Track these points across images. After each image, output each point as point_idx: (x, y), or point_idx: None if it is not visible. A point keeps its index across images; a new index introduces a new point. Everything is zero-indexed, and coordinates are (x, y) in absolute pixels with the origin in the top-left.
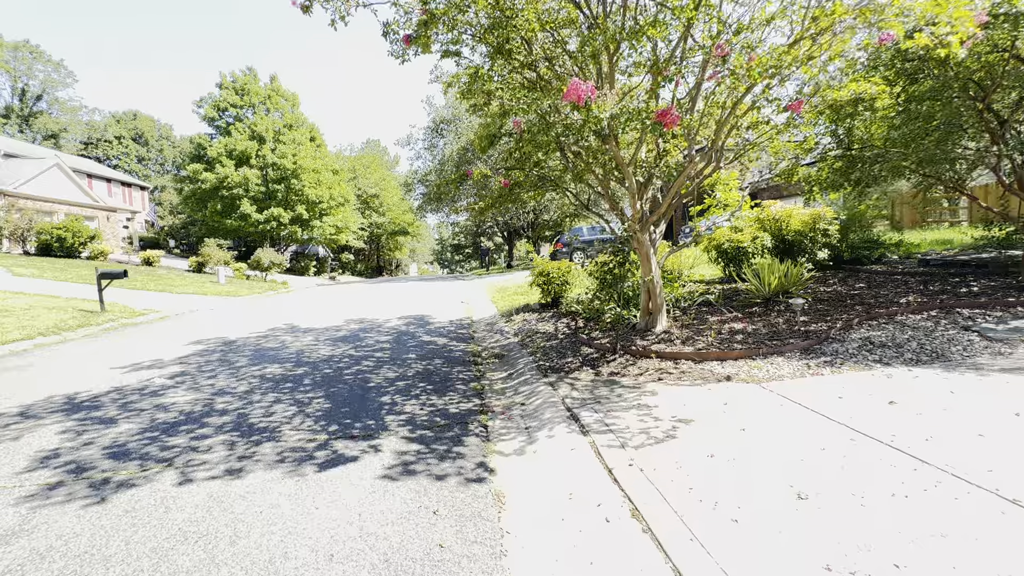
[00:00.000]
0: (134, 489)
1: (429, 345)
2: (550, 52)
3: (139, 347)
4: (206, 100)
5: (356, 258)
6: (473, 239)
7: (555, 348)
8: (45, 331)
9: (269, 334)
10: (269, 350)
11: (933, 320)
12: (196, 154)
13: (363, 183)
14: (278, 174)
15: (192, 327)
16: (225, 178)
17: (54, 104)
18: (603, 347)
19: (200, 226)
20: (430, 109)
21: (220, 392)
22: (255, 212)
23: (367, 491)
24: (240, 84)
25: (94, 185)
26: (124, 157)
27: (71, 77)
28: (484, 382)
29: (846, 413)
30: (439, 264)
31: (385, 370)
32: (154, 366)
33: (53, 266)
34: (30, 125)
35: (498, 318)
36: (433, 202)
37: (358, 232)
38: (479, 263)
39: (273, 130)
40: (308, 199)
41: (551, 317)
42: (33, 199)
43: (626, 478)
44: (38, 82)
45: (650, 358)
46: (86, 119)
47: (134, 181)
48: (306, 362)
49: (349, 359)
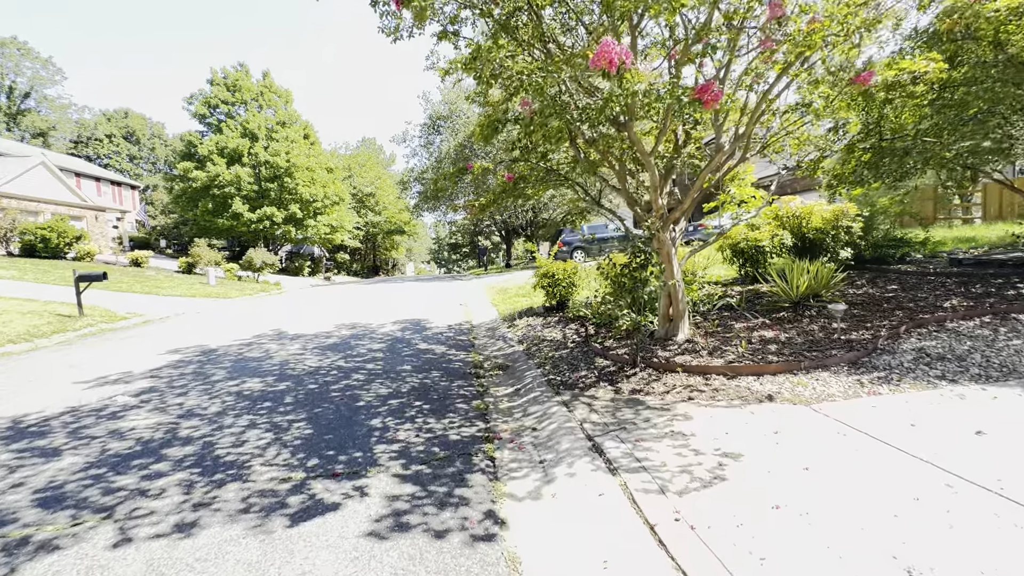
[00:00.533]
0: (56, 555)
1: (426, 354)
2: (565, 23)
3: (112, 356)
4: (196, 97)
5: (352, 258)
6: (471, 238)
7: (566, 359)
8: (16, 338)
9: (254, 342)
10: (251, 361)
11: (990, 328)
12: (187, 152)
13: (358, 181)
14: (271, 172)
15: (174, 333)
16: (216, 176)
17: (43, 102)
18: (620, 359)
19: (191, 226)
20: (426, 105)
21: (188, 414)
22: (247, 211)
23: (348, 557)
24: (232, 80)
25: (83, 184)
26: (115, 156)
27: (60, 74)
28: (488, 399)
29: (928, 447)
30: (436, 263)
31: (377, 385)
32: (121, 380)
33: (36, 268)
34: (18, 123)
35: (500, 322)
36: (430, 200)
37: (353, 231)
38: (476, 262)
39: (266, 127)
40: (302, 198)
41: (558, 322)
42: (17, 198)
43: (674, 539)
44: (26, 79)
45: (675, 372)
46: (76, 117)
47: (124, 180)
48: (290, 375)
49: (338, 372)
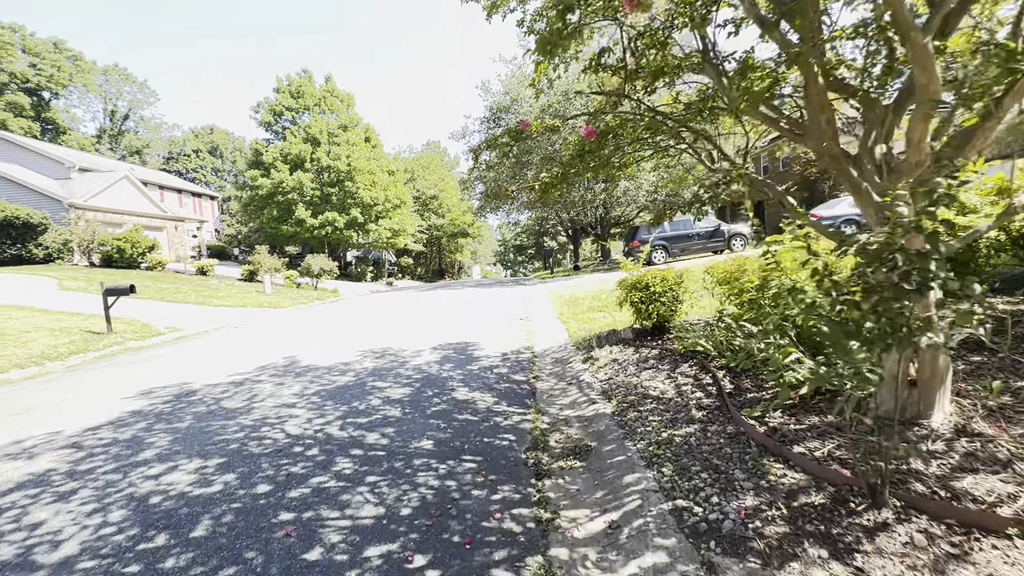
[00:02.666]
0: None
1: (463, 412)
2: None
3: (85, 397)
4: (263, 105)
5: (416, 262)
6: (536, 239)
7: (698, 451)
8: (23, 362)
9: (250, 378)
10: (219, 417)
11: None
12: (254, 160)
13: (421, 184)
14: (332, 177)
15: (188, 358)
16: (280, 183)
17: (140, 123)
18: (823, 472)
19: (259, 233)
20: (485, 95)
21: (7, 567)
22: (310, 217)
23: None
24: (296, 87)
25: (165, 196)
26: (201, 169)
27: (154, 96)
28: (558, 548)
29: None
30: (502, 265)
31: (365, 492)
32: (24, 455)
33: (108, 278)
34: (118, 143)
35: (572, 352)
36: (492, 199)
37: (416, 235)
38: (542, 264)
39: (327, 132)
40: (363, 202)
41: (659, 358)
42: (102, 211)
43: None
44: (125, 103)
45: (994, 534)
46: (168, 135)
47: (204, 191)
48: (246, 457)
49: (320, 450)
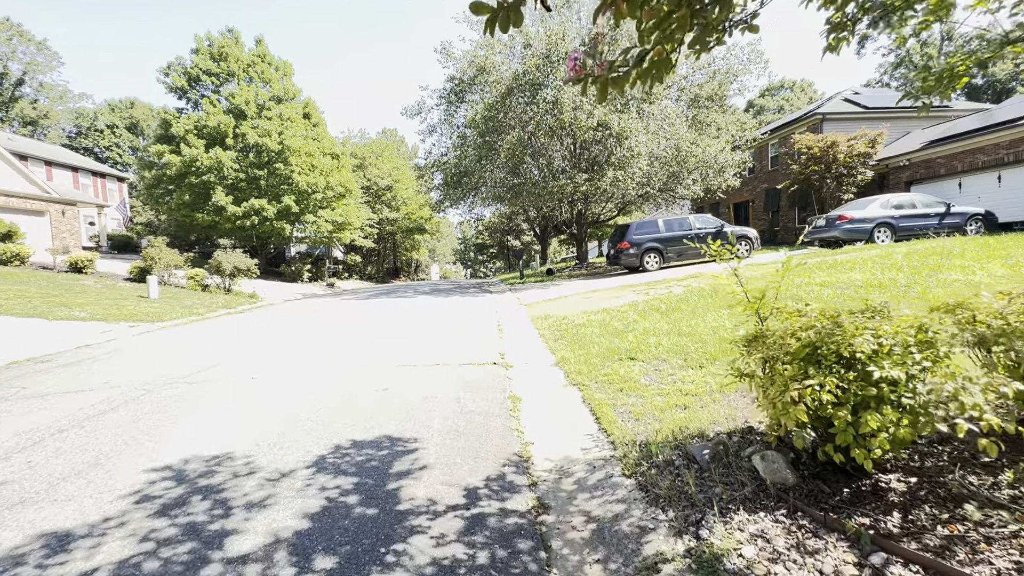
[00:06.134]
0: None
1: None
2: None
3: None
4: (175, 67)
5: (367, 259)
6: (500, 237)
7: None
8: None
9: None
10: None
11: None
12: (162, 134)
13: (373, 173)
14: (261, 157)
15: None
16: (194, 160)
17: (40, 90)
18: None
19: (167, 222)
20: (446, 61)
21: None
22: (231, 204)
23: None
24: (218, 48)
25: (54, 174)
26: (117, 148)
27: (56, 60)
28: None
29: None
30: (462, 264)
31: None
32: None
33: None
34: (8, 111)
35: (632, 498)
36: (453, 188)
37: (366, 229)
38: (505, 264)
39: (256, 103)
40: (298, 188)
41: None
42: None
43: None
44: (19, 65)
45: None
46: (75, 107)
47: (109, 171)
48: None
49: None
